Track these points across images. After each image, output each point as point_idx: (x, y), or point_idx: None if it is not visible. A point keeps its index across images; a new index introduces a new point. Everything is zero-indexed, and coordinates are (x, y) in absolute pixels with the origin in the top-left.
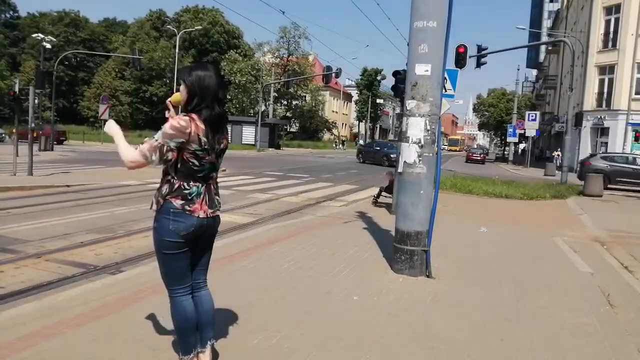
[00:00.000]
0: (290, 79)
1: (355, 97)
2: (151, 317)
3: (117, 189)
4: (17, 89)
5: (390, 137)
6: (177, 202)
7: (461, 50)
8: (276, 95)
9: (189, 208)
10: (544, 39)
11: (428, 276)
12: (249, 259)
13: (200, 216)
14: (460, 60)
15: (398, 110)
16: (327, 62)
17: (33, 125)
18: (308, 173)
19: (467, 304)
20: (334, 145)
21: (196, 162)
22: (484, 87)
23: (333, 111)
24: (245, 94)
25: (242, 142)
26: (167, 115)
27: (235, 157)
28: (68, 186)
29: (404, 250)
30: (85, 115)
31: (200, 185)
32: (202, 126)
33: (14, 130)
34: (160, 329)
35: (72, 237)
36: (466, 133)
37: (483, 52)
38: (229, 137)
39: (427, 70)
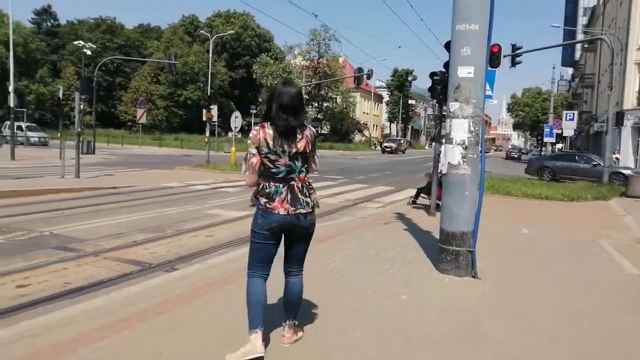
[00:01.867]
0: (320, 81)
1: (386, 98)
2: (210, 313)
3: (161, 190)
4: (60, 95)
5: (422, 138)
6: (262, 200)
7: (495, 49)
8: (307, 97)
9: (269, 206)
10: (580, 36)
11: (474, 276)
12: None
13: (281, 213)
14: (495, 60)
15: (430, 111)
16: (358, 64)
17: (79, 129)
18: (342, 174)
19: (514, 304)
20: (372, 147)
21: (270, 165)
22: (518, 86)
23: (364, 112)
24: None
25: None
26: None
27: None
28: (115, 188)
29: (449, 251)
30: (123, 119)
31: (280, 185)
32: (270, 132)
33: (59, 135)
34: (220, 324)
35: (125, 236)
36: (500, 133)
37: (517, 51)
38: (302, 143)
39: (470, 73)
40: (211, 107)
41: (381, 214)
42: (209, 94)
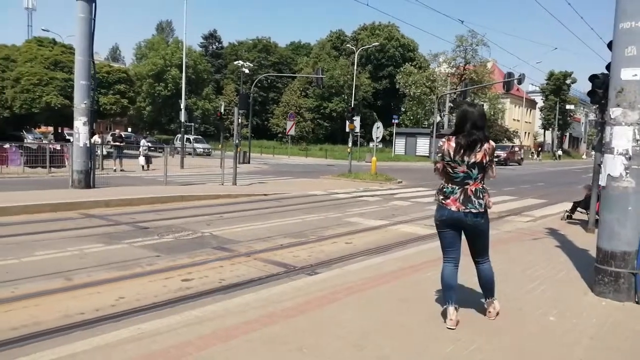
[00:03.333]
0: (466, 89)
1: (540, 103)
2: (346, 316)
3: (306, 198)
4: (222, 110)
5: (583, 146)
6: (439, 197)
7: None
8: (452, 105)
9: (443, 202)
10: None
11: (637, 302)
12: (433, 270)
13: (452, 209)
14: None
15: (592, 117)
16: (508, 69)
17: (237, 141)
18: (488, 186)
19: None
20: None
21: (450, 171)
22: None
23: (514, 119)
24: (419, 105)
25: (416, 154)
26: None
27: (410, 169)
28: (265, 195)
29: (607, 272)
30: (274, 132)
31: (456, 187)
32: (452, 144)
33: (221, 146)
34: (354, 327)
35: (273, 239)
36: None
37: None
38: (479, 155)
39: (635, 75)
40: (354, 118)
41: (530, 229)
42: (352, 105)
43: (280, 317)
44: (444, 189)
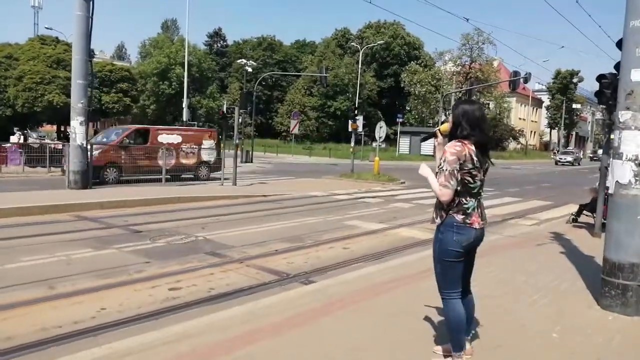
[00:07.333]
0: (472, 87)
1: (546, 102)
2: (339, 330)
3: (306, 199)
4: (225, 109)
5: (589, 146)
6: (459, 217)
7: None
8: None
9: (468, 221)
10: None
11: None
12: (427, 281)
13: (477, 227)
14: None
15: (598, 116)
16: (514, 67)
17: (237, 141)
18: (492, 186)
19: None
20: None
21: (471, 180)
22: None
23: (520, 118)
24: (424, 104)
25: (421, 153)
26: (435, 142)
27: (413, 168)
28: (265, 196)
29: (614, 284)
30: (278, 130)
31: (474, 200)
32: (472, 147)
33: (222, 145)
34: (348, 344)
35: (268, 244)
36: None
37: None
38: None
39: None
40: (357, 117)
41: (534, 233)
42: (356, 104)
43: (266, 332)
44: (464, 205)
